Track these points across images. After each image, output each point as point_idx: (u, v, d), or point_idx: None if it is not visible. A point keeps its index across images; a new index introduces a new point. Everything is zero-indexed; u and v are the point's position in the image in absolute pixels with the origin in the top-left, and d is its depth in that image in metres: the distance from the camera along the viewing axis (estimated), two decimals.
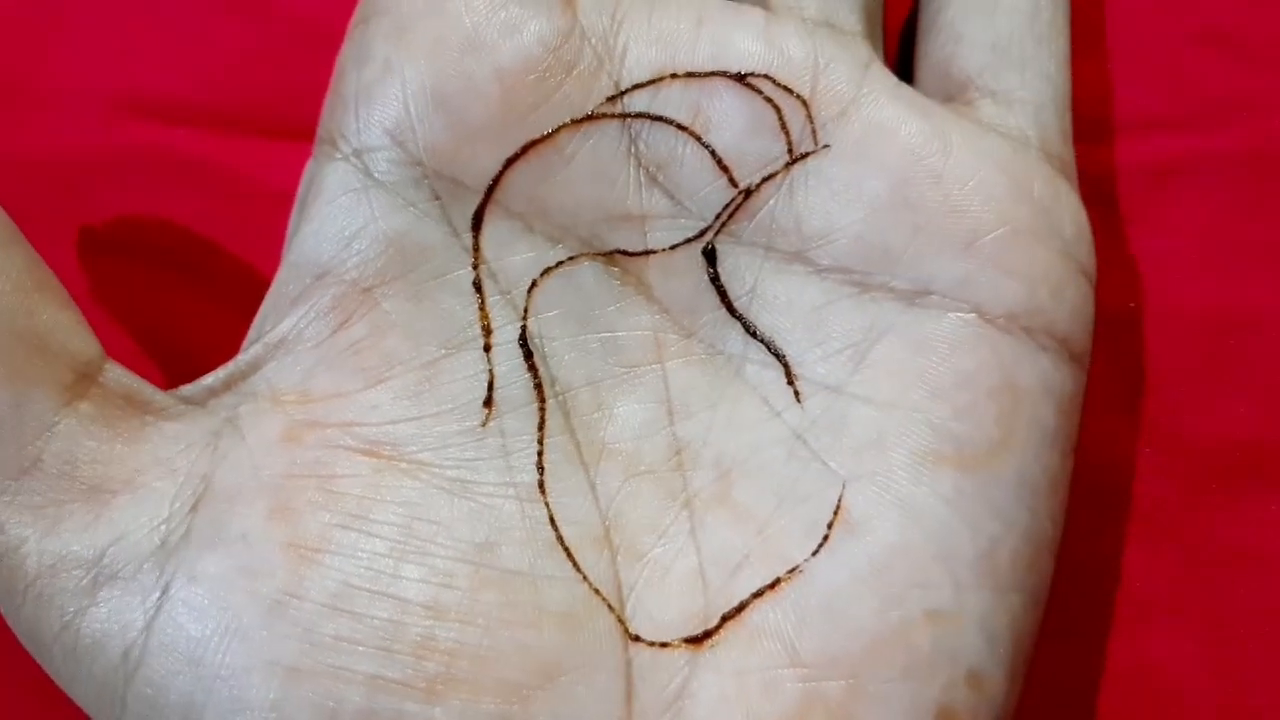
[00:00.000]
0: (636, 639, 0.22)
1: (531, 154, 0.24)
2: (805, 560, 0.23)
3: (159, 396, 0.23)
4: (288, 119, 0.25)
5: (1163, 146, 0.29)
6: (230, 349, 0.24)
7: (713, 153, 0.24)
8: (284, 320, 0.23)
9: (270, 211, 0.25)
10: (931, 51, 0.27)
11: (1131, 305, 0.29)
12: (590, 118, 0.24)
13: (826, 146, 0.24)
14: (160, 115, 0.29)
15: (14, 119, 0.29)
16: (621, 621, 0.22)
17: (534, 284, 0.24)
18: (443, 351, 0.23)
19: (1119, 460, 0.28)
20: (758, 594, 0.22)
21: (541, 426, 0.23)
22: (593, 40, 0.24)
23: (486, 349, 0.23)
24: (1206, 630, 0.27)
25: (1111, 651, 0.27)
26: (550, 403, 0.24)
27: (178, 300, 0.29)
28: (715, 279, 0.24)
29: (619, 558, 0.23)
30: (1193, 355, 0.28)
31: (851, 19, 0.25)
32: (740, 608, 0.22)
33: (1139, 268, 0.29)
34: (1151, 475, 0.28)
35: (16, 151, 0.29)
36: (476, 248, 0.24)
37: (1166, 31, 0.30)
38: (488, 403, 0.23)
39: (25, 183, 0.29)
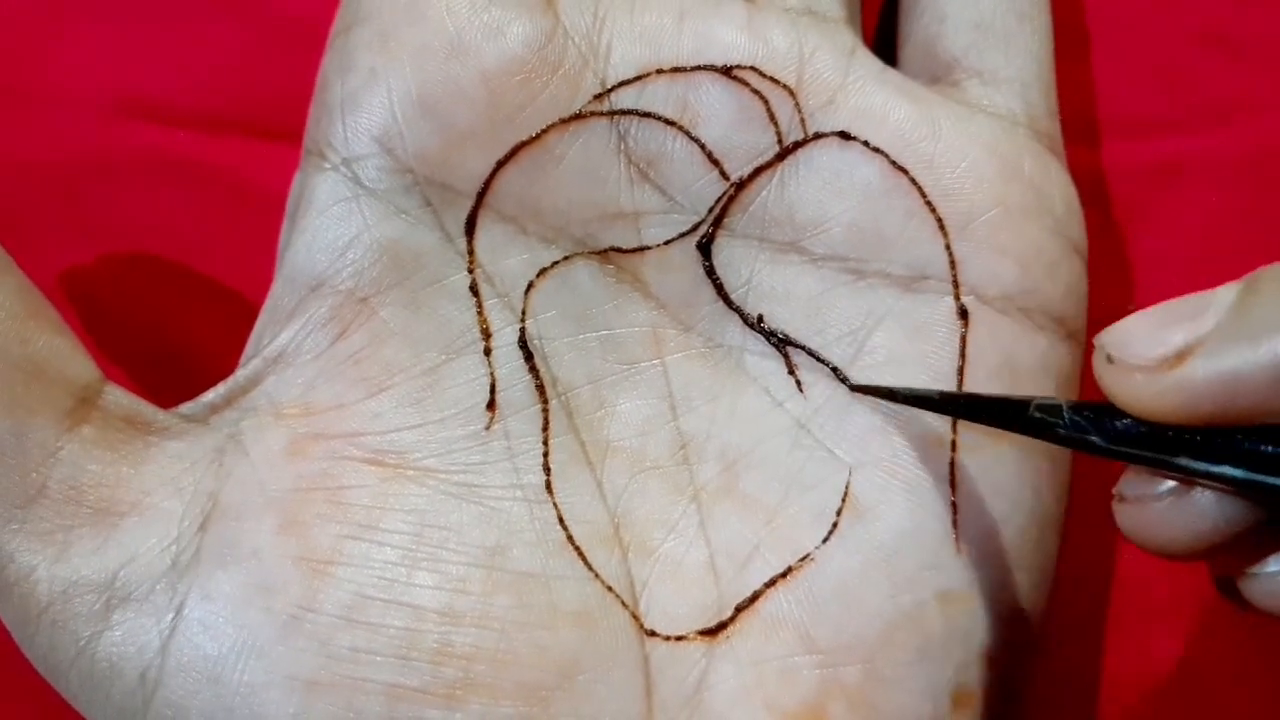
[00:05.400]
0: (652, 634, 0.22)
1: (521, 156, 0.24)
2: (816, 548, 0.23)
3: (160, 416, 0.23)
4: (286, 121, 0.25)
5: (1161, 147, 0.29)
6: (230, 350, 0.24)
7: (702, 146, 0.24)
8: (282, 333, 0.23)
9: (269, 213, 0.25)
10: (915, 32, 0.27)
11: (1131, 307, 0.29)
12: (578, 117, 0.24)
13: (843, 133, 0.24)
14: (158, 118, 0.29)
15: (12, 121, 0.29)
16: (636, 617, 0.23)
17: (530, 285, 0.24)
18: (443, 357, 0.23)
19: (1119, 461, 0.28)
20: (770, 583, 0.23)
21: (546, 427, 0.23)
22: (576, 39, 0.24)
23: (486, 352, 0.23)
24: (1206, 630, 0.27)
25: (1112, 652, 0.28)
26: (553, 403, 0.24)
27: (177, 302, 0.29)
28: (711, 272, 0.24)
29: (630, 554, 0.23)
30: None
31: (833, 5, 0.25)
32: (754, 598, 0.23)
33: (1138, 268, 0.29)
34: None
35: (15, 154, 0.29)
36: (471, 252, 0.24)
37: (1164, 32, 0.30)
38: (490, 406, 0.23)
39: (23, 185, 0.29)
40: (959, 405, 0.22)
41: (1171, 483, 0.19)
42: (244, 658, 0.21)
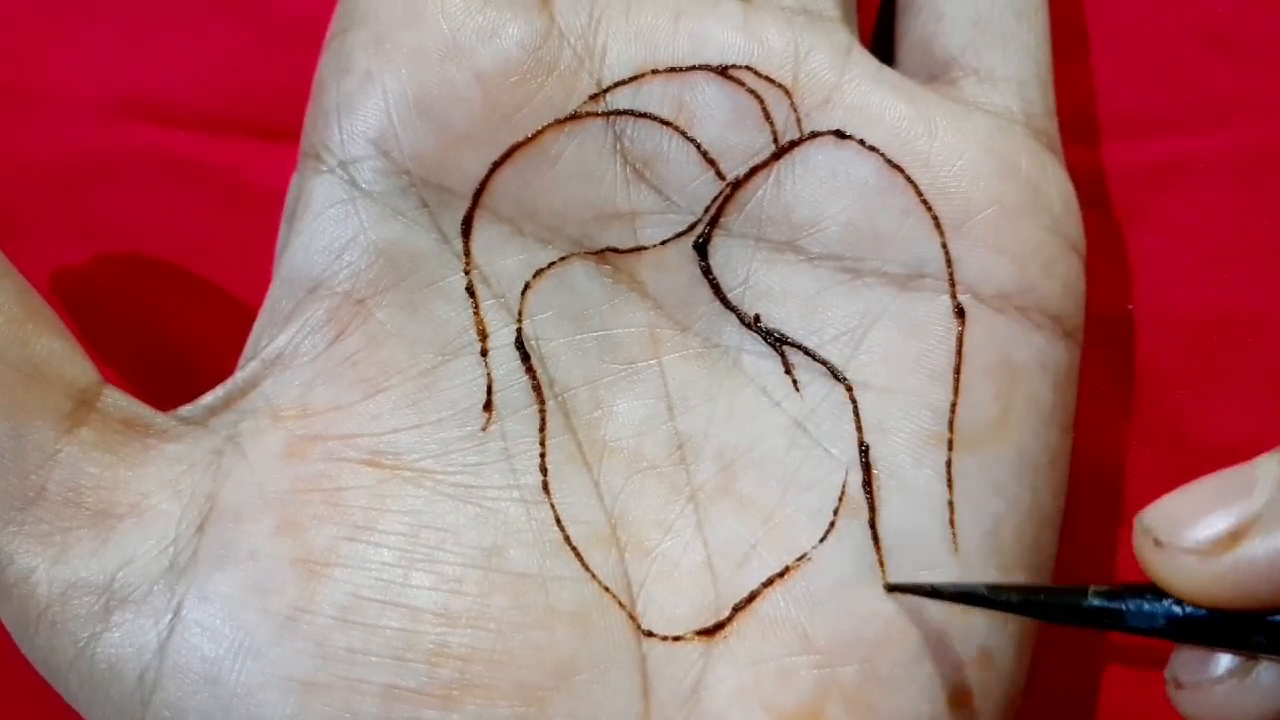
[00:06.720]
0: (649, 634, 0.22)
1: (517, 156, 0.24)
2: (813, 548, 0.23)
3: (159, 418, 0.23)
4: (286, 121, 0.25)
5: (1160, 147, 0.29)
6: (229, 351, 0.24)
7: (698, 146, 0.24)
8: (279, 335, 0.23)
9: (269, 213, 0.25)
10: (913, 30, 0.27)
11: (1130, 306, 0.29)
12: (573, 117, 0.24)
13: (838, 132, 0.24)
14: (158, 117, 0.29)
15: (12, 121, 0.29)
16: (633, 618, 0.23)
17: (527, 286, 0.24)
18: (439, 358, 0.23)
19: (1118, 461, 0.28)
20: (767, 583, 0.23)
21: (542, 428, 0.23)
22: (571, 40, 0.24)
23: (483, 353, 0.23)
24: None
25: (1111, 651, 0.27)
26: (550, 404, 0.24)
27: (177, 302, 0.29)
28: (707, 272, 0.24)
29: (627, 554, 0.23)
30: (1191, 356, 0.28)
31: (829, 4, 0.25)
32: (751, 597, 0.23)
33: (1137, 269, 0.29)
34: (1151, 475, 0.28)
35: (15, 153, 0.29)
36: (468, 253, 0.24)
37: (1164, 32, 0.29)
38: (487, 407, 0.23)
39: (23, 185, 0.29)
40: (1009, 600, 0.21)
41: (1229, 663, 0.18)
42: (241, 658, 0.21)
